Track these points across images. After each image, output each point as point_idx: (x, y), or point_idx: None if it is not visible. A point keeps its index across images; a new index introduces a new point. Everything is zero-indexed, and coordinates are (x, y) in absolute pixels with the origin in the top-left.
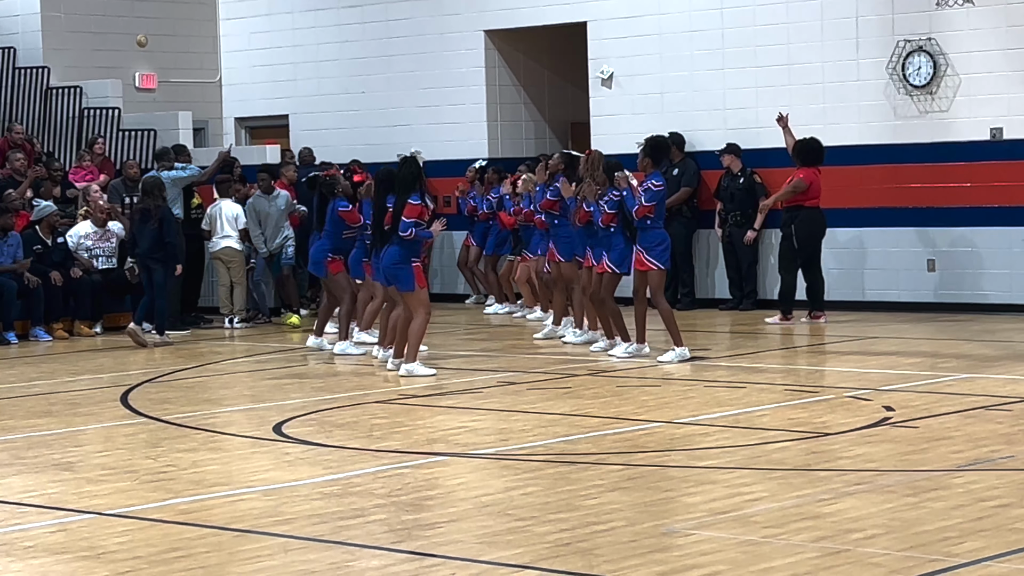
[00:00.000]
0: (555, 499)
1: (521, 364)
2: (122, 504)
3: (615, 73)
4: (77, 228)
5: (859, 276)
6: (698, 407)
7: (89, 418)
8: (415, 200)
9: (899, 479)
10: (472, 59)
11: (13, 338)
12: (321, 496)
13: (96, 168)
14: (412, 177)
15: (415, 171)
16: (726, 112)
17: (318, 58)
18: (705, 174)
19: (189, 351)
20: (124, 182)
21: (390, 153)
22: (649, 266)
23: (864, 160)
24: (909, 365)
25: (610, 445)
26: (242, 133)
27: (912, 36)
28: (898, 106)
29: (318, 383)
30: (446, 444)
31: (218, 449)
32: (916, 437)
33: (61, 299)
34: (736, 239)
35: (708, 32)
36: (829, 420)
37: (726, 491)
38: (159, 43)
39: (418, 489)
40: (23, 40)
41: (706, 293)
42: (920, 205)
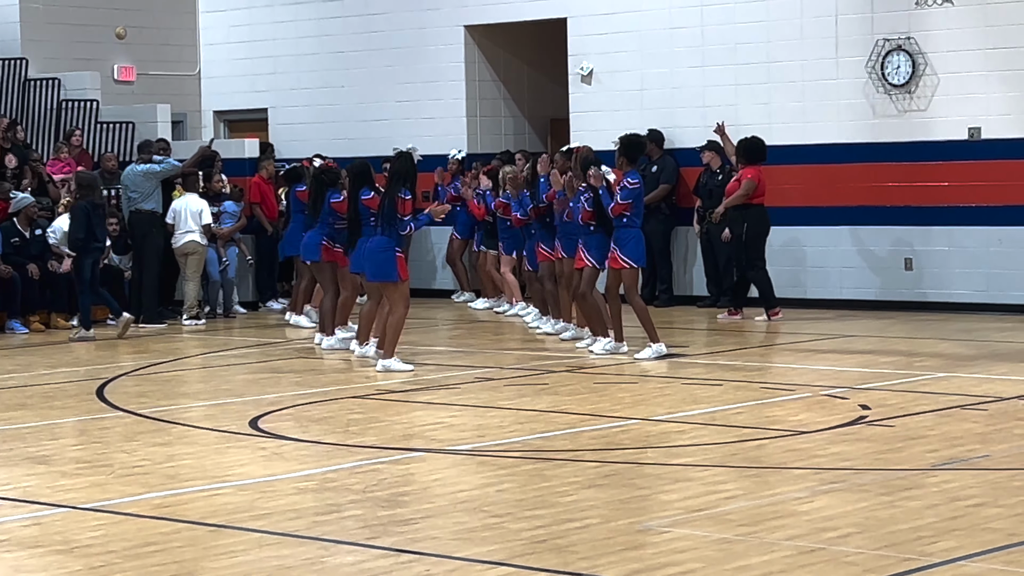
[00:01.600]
0: (531, 496)
1: (499, 360)
2: (97, 498)
3: (595, 69)
4: (58, 223)
5: (836, 274)
6: (675, 404)
7: (65, 411)
8: (406, 195)
9: (874, 478)
10: (452, 54)
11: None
12: (297, 491)
13: (74, 160)
14: (406, 172)
15: (409, 167)
16: (705, 109)
17: (298, 52)
18: (684, 171)
19: (166, 344)
20: (102, 175)
21: (369, 148)
22: (623, 264)
23: (843, 159)
24: (885, 364)
25: (586, 442)
26: (221, 126)
27: (891, 35)
28: (877, 105)
29: (295, 378)
30: (422, 440)
31: (194, 443)
32: (891, 436)
33: (38, 291)
34: (714, 236)
35: (688, 29)
36: (805, 418)
37: (702, 489)
38: (138, 35)
39: (394, 485)
40: (1, 31)
41: (684, 291)
42: (898, 204)
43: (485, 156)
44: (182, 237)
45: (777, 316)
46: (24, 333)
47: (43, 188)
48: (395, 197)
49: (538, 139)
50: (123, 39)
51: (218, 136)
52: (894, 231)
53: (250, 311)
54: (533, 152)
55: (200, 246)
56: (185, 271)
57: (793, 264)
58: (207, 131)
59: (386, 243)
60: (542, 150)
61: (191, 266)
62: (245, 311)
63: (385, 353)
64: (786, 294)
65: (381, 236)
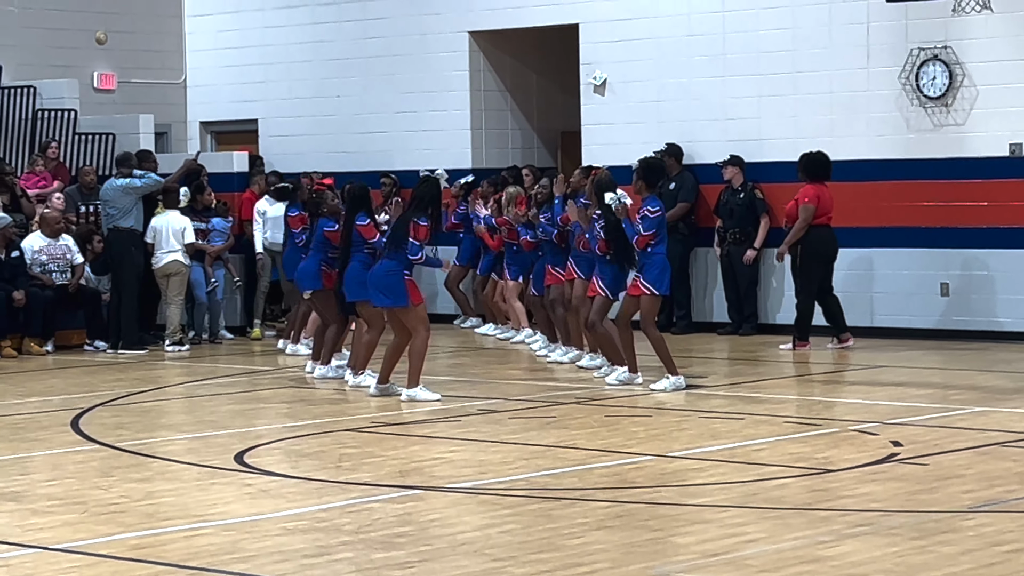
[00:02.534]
0: (536, 538)
1: (503, 391)
2: (69, 538)
3: (608, 79)
4: (29, 241)
5: (867, 300)
6: (692, 439)
7: (37, 444)
8: (424, 221)
9: (905, 520)
10: (455, 62)
11: None
12: (284, 532)
13: (49, 174)
14: (429, 197)
15: (434, 193)
16: (726, 123)
17: (290, 59)
18: (704, 188)
19: (147, 372)
20: (80, 189)
21: (366, 162)
22: (643, 291)
23: (874, 176)
24: (919, 397)
25: (596, 480)
26: (208, 138)
27: (926, 44)
28: (911, 118)
29: (284, 409)
30: (420, 476)
31: (175, 479)
32: (925, 475)
33: (7, 314)
34: (736, 258)
35: (708, 36)
36: (832, 455)
37: (720, 531)
38: (119, 40)
39: (389, 525)
40: None
41: (703, 316)
42: (933, 225)
43: (491, 172)
44: (163, 257)
45: (805, 347)
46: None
47: (16, 204)
48: (410, 221)
49: (548, 153)
50: (103, 44)
51: (205, 149)
52: (929, 254)
53: (238, 336)
54: (542, 168)
55: (183, 266)
56: (167, 293)
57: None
58: (193, 143)
59: (394, 266)
60: (551, 165)
61: (173, 288)
62: (232, 336)
63: (410, 382)
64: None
65: (387, 260)
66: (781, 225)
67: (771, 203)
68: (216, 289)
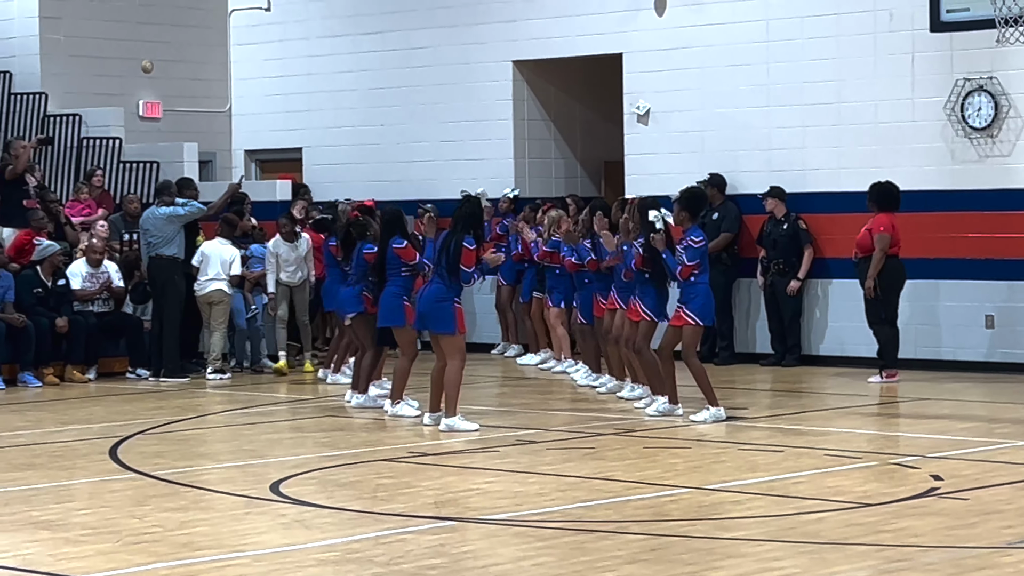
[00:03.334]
0: (569, 571)
1: (543, 421)
2: (101, 568)
3: (652, 109)
4: (74, 268)
5: (911, 332)
6: (730, 472)
7: (74, 472)
8: (470, 244)
9: (943, 556)
10: (499, 91)
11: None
12: (316, 563)
13: (94, 202)
14: (471, 218)
15: (476, 212)
16: (770, 152)
17: (334, 88)
18: (747, 219)
19: (188, 400)
20: (124, 217)
21: (409, 191)
22: (687, 320)
23: (919, 207)
24: (962, 430)
25: (632, 512)
26: (252, 166)
27: (972, 74)
28: (956, 149)
29: (323, 438)
30: (455, 507)
31: (209, 509)
32: (964, 510)
33: (52, 342)
34: (779, 289)
35: (752, 67)
36: (871, 489)
37: (754, 566)
38: (165, 69)
39: (421, 557)
40: (20, 64)
41: (746, 347)
42: (978, 256)
43: (534, 200)
44: (207, 284)
45: (895, 378)
46: (37, 387)
47: (60, 231)
48: (460, 246)
49: (591, 183)
50: (149, 73)
51: (249, 177)
52: (974, 286)
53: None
54: (585, 197)
55: (226, 295)
56: (209, 321)
57: (862, 320)
58: (237, 172)
59: (444, 292)
60: (595, 194)
61: (216, 316)
62: (273, 365)
63: (447, 411)
64: (854, 352)
65: (439, 284)
66: (824, 255)
67: (815, 234)
68: (256, 316)
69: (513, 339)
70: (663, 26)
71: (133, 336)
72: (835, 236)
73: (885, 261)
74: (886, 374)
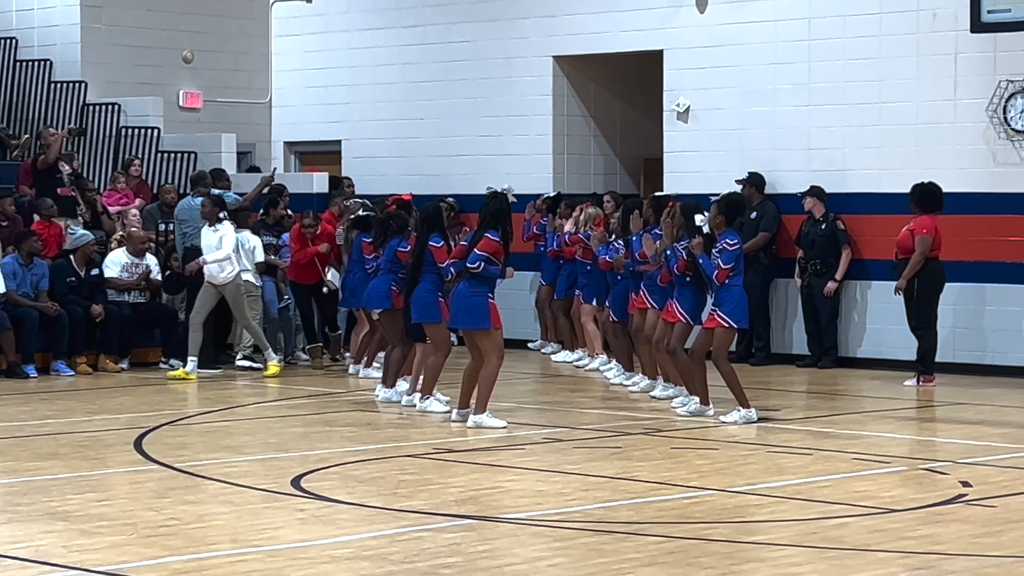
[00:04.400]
0: (584, 572)
1: (572, 419)
2: (113, 560)
3: (692, 106)
4: (113, 257)
5: (949, 336)
6: (756, 475)
7: (96, 463)
8: (494, 235)
9: (966, 565)
10: (539, 86)
11: (32, 371)
12: (330, 559)
13: (131, 191)
14: (498, 213)
15: (503, 208)
16: (810, 152)
17: (375, 81)
18: (786, 219)
19: (218, 392)
20: (160, 207)
21: (448, 185)
22: (720, 323)
23: (959, 209)
24: (995, 436)
25: (654, 514)
26: (291, 158)
27: (1015, 76)
28: (998, 152)
29: (349, 432)
30: (475, 505)
31: (228, 502)
32: (991, 518)
33: (86, 331)
34: (816, 290)
35: (793, 65)
36: (898, 495)
37: (772, 571)
38: (206, 60)
39: (437, 555)
40: (61, 52)
41: (782, 348)
42: (1019, 260)
43: (572, 197)
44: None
45: (931, 383)
46: (69, 375)
47: (97, 220)
48: (482, 237)
49: (630, 180)
50: (190, 63)
51: (288, 169)
52: (1015, 290)
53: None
54: (624, 194)
55: (254, 286)
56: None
57: (901, 323)
58: (276, 163)
59: (478, 288)
60: (633, 192)
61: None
62: (308, 358)
63: (477, 408)
64: (892, 355)
65: (469, 281)
66: (863, 257)
67: (853, 235)
68: (288, 305)
69: (552, 338)
70: (704, 23)
71: (168, 327)
72: (874, 237)
73: (925, 264)
74: (923, 379)
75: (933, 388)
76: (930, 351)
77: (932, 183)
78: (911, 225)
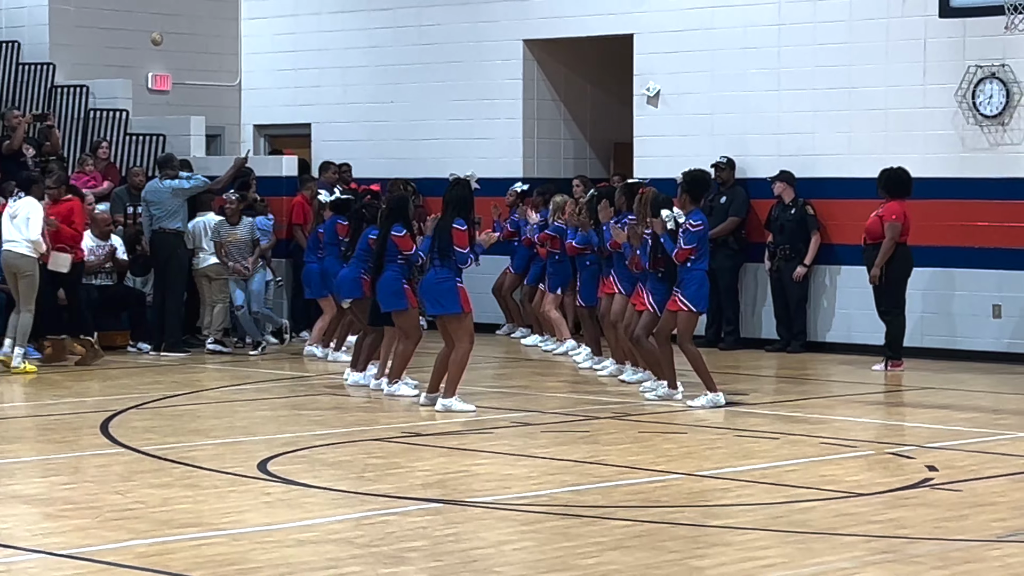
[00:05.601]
0: (549, 556)
1: (540, 404)
2: (76, 544)
3: (662, 91)
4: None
5: (918, 321)
6: (723, 459)
7: (62, 446)
8: (461, 225)
9: (931, 549)
10: (509, 70)
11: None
12: (295, 543)
13: (100, 174)
14: (461, 200)
15: (466, 195)
16: (780, 137)
17: (345, 64)
18: (755, 203)
19: (187, 376)
20: (128, 190)
21: (418, 168)
22: (681, 307)
23: (928, 194)
24: (962, 421)
25: (620, 498)
26: (261, 141)
27: (984, 62)
28: (966, 137)
29: (317, 416)
30: (442, 489)
31: (194, 486)
32: (957, 502)
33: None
34: (785, 275)
35: (763, 50)
36: (864, 479)
37: (738, 555)
38: (175, 42)
39: (402, 539)
40: (28, 34)
41: (752, 332)
42: (987, 245)
43: (542, 181)
44: (205, 259)
45: (899, 368)
46: (37, 358)
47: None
48: (450, 228)
49: (600, 164)
50: (159, 46)
51: (258, 152)
52: (982, 275)
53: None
54: (594, 178)
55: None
56: (207, 295)
57: (869, 308)
58: (245, 146)
59: (446, 274)
60: (604, 176)
61: (217, 290)
62: (276, 342)
63: (446, 392)
64: (861, 340)
65: (440, 268)
66: (832, 242)
67: (823, 219)
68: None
69: (518, 321)
70: (675, 7)
71: (135, 310)
72: (844, 222)
73: (896, 249)
74: (891, 364)
75: (901, 373)
76: (898, 336)
77: (900, 168)
78: (880, 211)
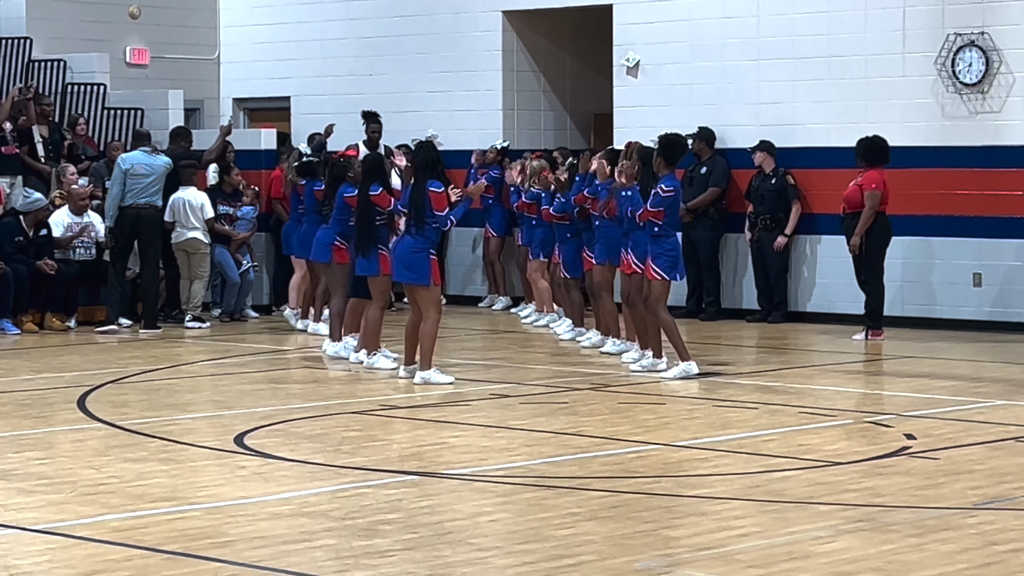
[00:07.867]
0: (524, 527)
1: (520, 375)
2: (50, 519)
3: (641, 61)
4: (56, 217)
5: (898, 290)
6: (701, 429)
7: (39, 421)
8: (437, 187)
9: (906, 516)
10: (488, 41)
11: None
12: (269, 516)
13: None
14: (432, 162)
15: (434, 156)
16: (759, 107)
17: (323, 36)
18: (736, 173)
19: (165, 350)
20: (107, 164)
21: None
22: (655, 276)
23: (908, 163)
24: (941, 389)
25: (597, 469)
26: (240, 115)
27: (963, 29)
28: (946, 105)
29: (296, 389)
30: (419, 462)
31: (170, 460)
32: (934, 470)
33: (32, 289)
34: (766, 245)
35: (742, 19)
36: (842, 448)
37: (714, 524)
38: (153, 15)
39: (377, 512)
40: (4, 8)
41: (732, 303)
42: (967, 214)
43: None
44: (185, 233)
45: (880, 337)
46: (15, 334)
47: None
48: (426, 192)
49: (580, 135)
50: (137, 19)
51: (237, 125)
52: (962, 243)
53: (263, 315)
54: (574, 150)
55: (203, 244)
56: (187, 270)
57: (849, 277)
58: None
59: (420, 244)
60: (584, 147)
61: (196, 265)
62: (257, 315)
63: (422, 364)
64: (841, 309)
65: (414, 237)
66: (813, 211)
67: (803, 189)
68: (249, 270)
69: (501, 291)
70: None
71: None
72: (824, 192)
73: (875, 218)
74: (871, 333)
75: (881, 342)
76: (878, 305)
77: (877, 136)
78: (859, 180)
